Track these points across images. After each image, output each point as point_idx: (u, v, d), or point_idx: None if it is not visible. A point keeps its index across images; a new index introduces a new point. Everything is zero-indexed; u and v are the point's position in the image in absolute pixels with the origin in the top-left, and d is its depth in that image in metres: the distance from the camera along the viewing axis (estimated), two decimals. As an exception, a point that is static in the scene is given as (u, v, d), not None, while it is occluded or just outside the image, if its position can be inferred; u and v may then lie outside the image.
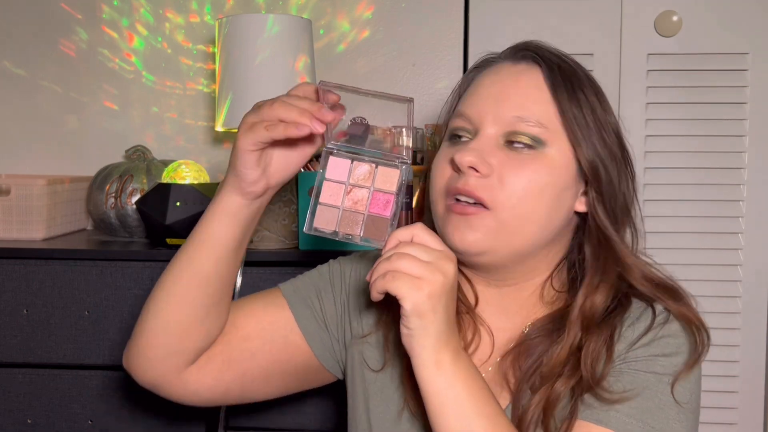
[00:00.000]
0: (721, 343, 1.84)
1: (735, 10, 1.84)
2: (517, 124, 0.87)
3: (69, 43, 1.99)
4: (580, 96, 0.89)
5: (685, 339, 0.88)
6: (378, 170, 0.86)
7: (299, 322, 0.98)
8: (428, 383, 0.79)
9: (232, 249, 0.89)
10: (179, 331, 0.90)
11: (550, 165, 0.87)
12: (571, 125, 0.87)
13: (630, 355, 0.85)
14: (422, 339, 0.78)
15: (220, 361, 0.95)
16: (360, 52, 1.97)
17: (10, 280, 1.51)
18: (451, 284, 0.78)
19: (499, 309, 0.95)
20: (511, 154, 0.87)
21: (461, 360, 0.80)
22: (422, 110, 1.98)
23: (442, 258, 0.78)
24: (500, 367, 0.92)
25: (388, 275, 0.77)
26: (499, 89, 0.90)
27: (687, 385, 0.85)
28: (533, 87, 0.89)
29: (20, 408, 1.52)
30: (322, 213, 0.85)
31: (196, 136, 1.99)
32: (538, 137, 0.87)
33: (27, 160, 2.00)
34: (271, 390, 1.01)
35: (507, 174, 0.86)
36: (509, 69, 0.92)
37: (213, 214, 0.89)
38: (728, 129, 1.85)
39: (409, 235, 0.79)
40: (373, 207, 0.85)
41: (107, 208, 1.70)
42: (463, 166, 0.86)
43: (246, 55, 1.57)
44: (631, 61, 1.86)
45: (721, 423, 1.87)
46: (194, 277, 0.89)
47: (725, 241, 1.86)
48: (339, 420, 1.45)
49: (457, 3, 1.95)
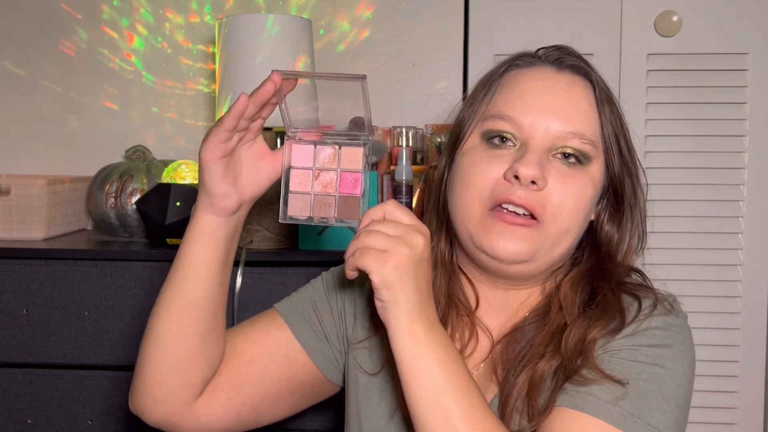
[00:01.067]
0: (721, 343, 1.84)
1: (735, 10, 1.85)
2: (572, 140, 0.89)
3: (69, 43, 1.99)
4: (616, 115, 0.92)
5: (675, 332, 0.86)
6: (342, 151, 0.87)
7: (300, 339, 0.98)
8: (401, 354, 0.79)
9: (217, 270, 0.89)
10: (181, 364, 0.90)
11: (593, 181, 0.90)
12: (609, 145, 0.91)
13: (613, 344, 0.85)
14: (394, 310, 0.79)
15: (227, 389, 0.95)
16: (360, 52, 1.97)
17: (10, 280, 1.51)
18: (419, 255, 0.79)
19: (501, 309, 0.95)
20: (562, 168, 0.89)
21: (435, 332, 0.80)
22: (422, 110, 1.98)
23: (411, 231, 0.79)
24: (491, 359, 0.92)
25: (357, 252, 0.79)
26: (551, 100, 0.90)
27: (675, 377, 0.83)
28: (586, 103, 0.91)
29: (20, 408, 1.52)
30: (295, 201, 0.86)
31: (196, 136, 1.99)
32: (588, 154, 0.90)
33: (27, 160, 2.00)
34: (281, 410, 1.01)
35: (560, 189, 0.88)
36: (558, 78, 0.92)
37: (191, 237, 0.88)
38: (728, 129, 1.85)
39: (381, 213, 0.81)
40: (342, 187, 0.86)
41: (107, 208, 1.70)
42: (526, 179, 0.86)
43: (246, 55, 1.57)
44: (631, 61, 1.86)
45: (721, 423, 1.87)
46: (185, 306, 0.89)
47: (725, 241, 1.86)
48: (337, 422, 1.45)
49: (457, 3, 1.95)
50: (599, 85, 0.92)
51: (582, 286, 0.91)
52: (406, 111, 1.98)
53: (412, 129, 1.82)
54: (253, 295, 1.49)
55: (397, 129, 1.81)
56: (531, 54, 0.96)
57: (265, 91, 0.81)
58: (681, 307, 0.91)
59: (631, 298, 0.89)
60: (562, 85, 0.91)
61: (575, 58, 0.94)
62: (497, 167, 0.89)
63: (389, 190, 1.72)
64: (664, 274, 1.10)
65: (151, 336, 0.90)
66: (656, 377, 0.82)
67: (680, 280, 1.81)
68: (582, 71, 0.93)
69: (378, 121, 1.95)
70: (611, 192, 0.93)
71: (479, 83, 0.97)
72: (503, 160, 0.89)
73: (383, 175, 1.73)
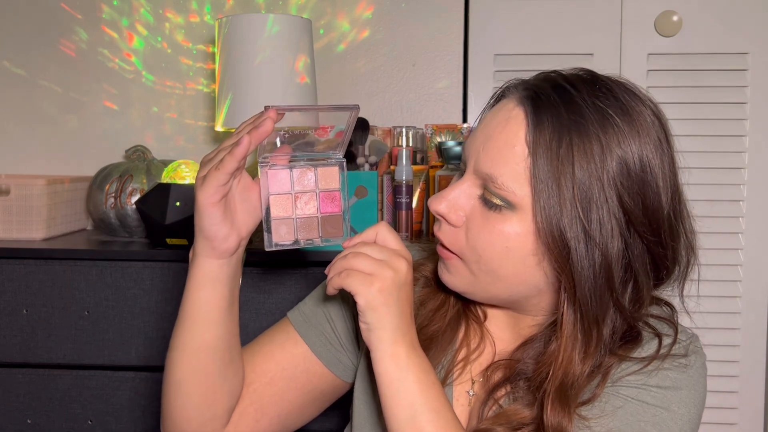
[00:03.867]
0: (721, 343, 1.84)
1: (735, 10, 1.85)
2: (489, 182, 0.82)
3: (69, 43, 1.99)
4: (568, 155, 0.77)
5: (689, 376, 0.84)
6: (318, 171, 0.88)
7: (316, 353, 0.99)
8: (382, 374, 0.81)
9: (226, 310, 0.88)
10: (205, 401, 0.91)
11: (514, 230, 0.81)
12: (538, 194, 0.78)
13: (623, 380, 0.83)
14: (378, 332, 0.80)
15: (253, 412, 0.96)
16: (360, 52, 1.97)
17: (10, 280, 1.51)
18: (403, 280, 0.80)
19: (505, 323, 0.95)
20: (483, 210, 0.83)
21: (416, 354, 0.82)
22: (422, 110, 1.98)
23: (395, 256, 0.80)
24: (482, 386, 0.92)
25: (343, 273, 0.80)
26: (486, 135, 0.83)
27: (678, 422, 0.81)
28: (511, 142, 0.80)
29: (20, 408, 1.52)
30: (278, 227, 0.86)
31: (196, 136, 1.99)
32: (507, 200, 0.80)
33: (27, 160, 2.00)
34: (307, 417, 1.03)
35: (471, 230, 0.84)
36: (505, 111, 0.83)
37: (194, 284, 0.87)
38: (728, 129, 1.86)
39: (373, 235, 0.83)
40: (323, 207, 0.88)
41: (107, 208, 1.70)
42: (433, 212, 0.87)
43: (246, 55, 1.57)
44: (631, 61, 1.86)
45: (721, 423, 1.87)
46: (200, 349, 0.89)
47: (725, 241, 1.86)
48: (340, 421, 1.45)
49: (457, 3, 1.95)
50: (545, 122, 0.79)
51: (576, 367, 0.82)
52: (406, 111, 1.98)
53: (412, 129, 1.82)
54: (253, 295, 1.49)
55: (397, 129, 1.81)
56: (517, 82, 0.87)
57: (264, 131, 0.79)
58: (700, 348, 0.87)
59: (652, 334, 0.85)
60: (500, 120, 0.83)
61: (533, 87, 0.83)
62: None
63: (389, 190, 1.72)
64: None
65: (172, 381, 0.91)
66: (659, 420, 0.81)
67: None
68: (523, 104, 0.81)
69: (378, 121, 1.95)
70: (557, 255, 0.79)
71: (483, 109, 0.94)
72: None
73: (383, 175, 1.73)
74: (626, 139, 0.79)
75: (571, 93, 0.81)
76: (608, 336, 0.82)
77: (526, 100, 0.81)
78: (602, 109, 0.80)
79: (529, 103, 0.81)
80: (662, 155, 0.84)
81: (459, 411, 0.91)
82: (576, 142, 0.78)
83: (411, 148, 1.76)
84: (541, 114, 0.79)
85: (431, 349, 0.92)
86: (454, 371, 0.92)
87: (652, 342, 0.85)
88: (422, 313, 0.95)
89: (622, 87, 0.85)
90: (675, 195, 0.84)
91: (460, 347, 0.94)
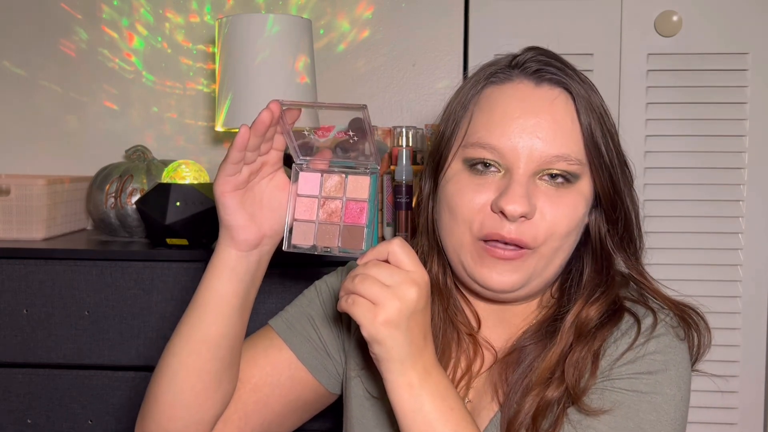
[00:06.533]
0: (721, 343, 1.84)
1: (735, 10, 1.84)
2: (558, 162, 0.85)
3: (69, 43, 1.99)
4: (603, 127, 0.88)
5: (673, 354, 0.86)
6: (348, 180, 0.85)
7: (302, 359, 0.98)
8: (398, 404, 0.79)
9: (237, 307, 0.87)
10: (196, 401, 0.88)
11: (583, 198, 0.88)
12: (596, 159, 0.87)
13: (614, 372, 0.85)
14: (387, 363, 0.78)
15: (237, 420, 0.95)
16: (360, 52, 1.97)
17: (10, 280, 1.51)
18: (412, 309, 0.76)
19: (499, 322, 0.95)
20: (550, 190, 0.86)
21: (430, 379, 0.79)
22: (422, 110, 1.98)
23: (405, 282, 0.76)
24: (490, 376, 0.92)
25: (350, 298, 0.77)
26: (532, 122, 0.85)
27: (672, 402, 0.84)
28: (569, 120, 0.87)
29: (20, 408, 1.52)
30: (299, 229, 0.85)
31: (196, 136, 1.99)
32: (576, 173, 0.87)
33: (27, 160, 2.00)
34: (289, 426, 1.01)
35: (550, 212, 0.86)
36: (538, 95, 0.87)
37: (212, 271, 0.86)
38: (728, 129, 1.85)
39: (385, 253, 0.78)
40: (347, 217, 0.84)
41: (107, 208, 1.70)
42: (514, 216, 0.84)
43: (246, 55, 1.57)
44: (631, 61, 1.86)
45: (721, 423, 1.87)
46: (203, 342, 0.87)
47: (725, 241, 1.86)
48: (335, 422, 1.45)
49: (457, 3, 1.95)
50: (580, 95, 0.87)
51: (593, 309, 0.88)
52: (406, 111, 1.98)
53: (412, 129, 1.81)
54: (253, 295, 1.49)
55: (397, 129, 1.81)
56: (507, 66, 0.91)
57: (261, 120, 0.79)
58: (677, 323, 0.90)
59: (631, 318, 0.88)
60: (542, 103, 0.86)
61: (554, 68, 0.89)
62: (483, 195, 0.86)
63: (389, 190, 1.72)
64: (664, 274, 1.10)
65: (167, 371, 0.88)
66: (654, 406, 0.83)
67: (680, 280, 1.81)
68: (561, 83, 0.88)
69: (378, 121, 1.95)
70: (602, 199, 0.89)
71: (457, 98, 0.93)
72: (488, 187, 0.86)
73: (383, 175, 1.73)
74: (599, 95, 0.91)
75: (567, 64, 0.90)
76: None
77: (553, 81, 0.88)
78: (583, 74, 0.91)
79: (557, 81, 0.88)
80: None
81: None
82: (596, 109, 0.88)
83: (411, 148, 1.76)
84: (574, 88, 0.88)
85: None
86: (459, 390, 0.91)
87: (633, 328, 0.87)
88: None
89: None
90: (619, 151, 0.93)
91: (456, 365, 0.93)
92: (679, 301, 0.92)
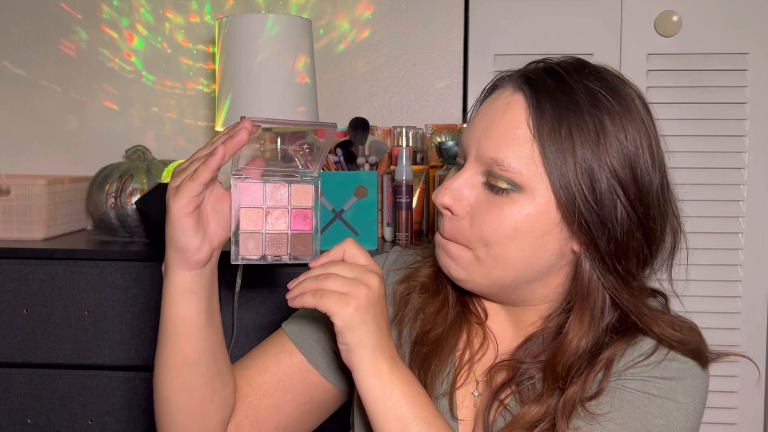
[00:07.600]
0: (721, 343, 1.83)
1: (735, 10, 1.85)
2: (493, 166, 0.82)
3: (69, 43, 1.99)
4: (569, 134, 0.80)
5: (692, 366, 0.86)
6: (292, 188, 0.86)
7: (313, 363, 0.98)
8: (368, 392, 0.81)
9: (205, 322, 0.87)
10: (195, 416, 0.90)
11: (524, 211, 0.82)
12: (550, 170, 0.80)
13: (627, 373, 0.84)
14: (359, 351, 0.80)
15: (249, 425, 0.95)
16: (360, 52, 1.97)
17: (10, 280, 1.51)
18: (377, 295, 0.80)
19: (506, 320, 0.95)
20: (488, 195, 0.84)
21: (398, 367, 0.82)
22: (422, 110, 1.98)
23: (366, 273, 0.80)
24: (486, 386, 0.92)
25: (317, 293, 0.79)
26: (487, 122, 0.85)
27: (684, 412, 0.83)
28: (513, 125, 0.82)
29: (20, 408, 1.52)
30: (246, 241, 0.85)
31: (196, 136, 1.99)
32: (514, 182, 0.82)
33: (27, 160, 2.00)
34: (308, 427, 1.02)
35: (477, 216, 0.84)
36: (503, 98, 0.85)
37: (169, 298, 0.85)
38: (728, 129, 1.86)
39: (340, 253, 0.82)
40: (294, 224, 0.86)
41: (107, 208, 1.70)
42: (438, 207, 0.87)
43: (246, 55, 1.57)
44: (631, 61, 1.86)
45: (721, 423, 1.87)
46: (184, 363, 0.87)
47: (725, 241, 1.86)
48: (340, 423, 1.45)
49: (457, 3, 1.95)
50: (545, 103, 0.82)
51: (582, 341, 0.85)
52: (406, 111, 1.98)
53: (412, 129, 1.82)
54: (253, 295, 1.49)
55: (397, 129, 1.81)
56: (510, 73, 0.89)
57: (239, 141, 0.79)
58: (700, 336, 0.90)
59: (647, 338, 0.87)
60: (500, 106, 0.85)
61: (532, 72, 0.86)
62: None
63: (389, 190, 1.72)
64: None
65: (160, 398, 0.90)
66: (665, 411, 0.82)
67: (680, 281, 1.81)
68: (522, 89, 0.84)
69: (378, 121, 1.95)
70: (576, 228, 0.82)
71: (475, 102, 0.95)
72: None
73: (383, 175, 1.73)
74: (617, 118, 0.83)
75: (564, 77, 0.84)
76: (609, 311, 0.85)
77: (524, 85, 0.84)
78: (594, 90, 0.83)
79: (527, 88, 0.84)
80: (649, 134, 0.87)
81: (465, 413, 0.91)
82: (574, 122, 0.81)
83: (411, 148, 1.76)
84: (539, 97, 0.82)
85: (437, 353, 0.91)
86: (461, 374, 0.92)
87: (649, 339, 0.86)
88: (423, 317, 0.94)
89: (608, 71, 0.88)
90: (662, 173, 0.88)
91: (464, 349, 0.93)
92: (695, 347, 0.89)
